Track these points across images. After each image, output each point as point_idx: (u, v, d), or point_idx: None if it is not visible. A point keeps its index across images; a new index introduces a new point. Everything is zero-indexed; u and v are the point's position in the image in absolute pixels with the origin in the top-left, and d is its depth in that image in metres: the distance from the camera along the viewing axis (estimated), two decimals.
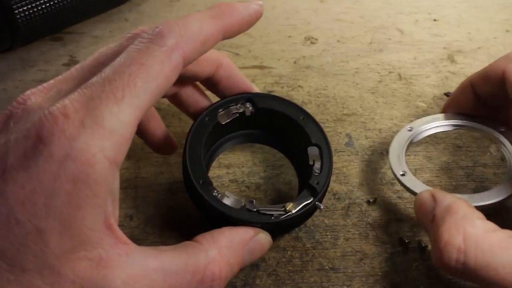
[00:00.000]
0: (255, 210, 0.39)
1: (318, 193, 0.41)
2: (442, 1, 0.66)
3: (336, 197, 0.46)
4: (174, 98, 0.46)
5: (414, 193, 0.43)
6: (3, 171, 0.31)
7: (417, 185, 0.43)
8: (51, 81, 0.36)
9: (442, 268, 0.36)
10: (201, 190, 0.40)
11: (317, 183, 0.41)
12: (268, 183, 0.47)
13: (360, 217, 0.45)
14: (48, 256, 0.31)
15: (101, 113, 0.32)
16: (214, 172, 0.48)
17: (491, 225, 0.37)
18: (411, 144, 0.47)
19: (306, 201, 0.40)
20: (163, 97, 0.45)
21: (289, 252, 0.42)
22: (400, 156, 0.46)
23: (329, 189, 0.47)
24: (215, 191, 0.40)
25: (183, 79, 0.43)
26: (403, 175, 0.44)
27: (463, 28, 0.62)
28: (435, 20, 0.63)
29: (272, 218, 0.39)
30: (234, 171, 0.48)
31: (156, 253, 0.34)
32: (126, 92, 0.33)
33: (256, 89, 0.46)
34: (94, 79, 0.33)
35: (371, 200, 0.46)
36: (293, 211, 0.40)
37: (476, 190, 0.47)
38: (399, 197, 0.46)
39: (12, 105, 0.34)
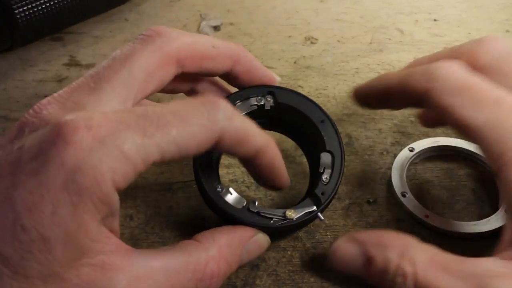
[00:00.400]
0: (256, 211, 0.39)
1: (321, 204, 0.40)
2: (442, 1, 0.66)
3: (336, 197, 0.46)
4: (190, 93, 0.45)
5: (412, 215, 0.44)
6: (14, 174, 0.31)
7: (416, 207, 0.44)
8: (66, 89, 0.36)
9: None
10: (205, 184, 0.40)
11: (323, 194, 0.40)
12: None
13: (360, 217, 0.45)
14: (52, 264, 0.31)
15: (125, 138, 0.32)
16: None
17: (432, 249, 0.37)
18: (411, 164, 0.48)
19: (308, 209, 0.40)
20: (179, 92, 0.44)
21: (289, 252, 0.42)
22: (402, 176, 0.46)
23: None
24: (220, 186, 0.40)
25: (198, 76, 0.43)
26: (404, 196, 0.45)
27: (463, 28, 0.62)
28: (435, 20, 0.63)
29: (271, 222, 0.39)
30: (234, 171, 0.48)
31: (158, 253, 0.34)
32: (158, 133, 0.33)
33: (277, 78, 0.45)
34: (137, 108, 0.34)
35: (371, 200, 0.46)
36: (294, 218, 0.39)
37: (477, 190, 0.47)
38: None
39: (28, 113, 0.34)
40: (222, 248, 0.37)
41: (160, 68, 0.38)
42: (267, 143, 0.38)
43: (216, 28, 0.62)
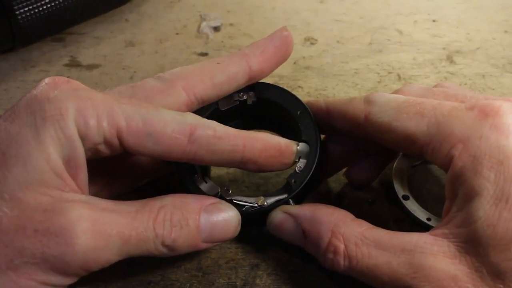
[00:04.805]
0: (228, 198, 0.40)
1: (292, 191, 0.41)
2: (441, 2, 0.66)
3: (336, 197, 0.46)
4: None
5: (414, 218, 0.44)
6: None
7: (418, 210, 0.44)
8: None
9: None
10: (182, 173, 0.41)
11: (295, 181, 0.41)
12: (268, 183, 0.47)
13: (359, 217, 0.45)
14: (10, 181, 0.33)
15: (96, 93, 0.36)
16: (214, 172, 0.48)
17: (364, 224, 0.38)
18: (414, 167, 0.48)
19: (279, 197, 0.41)
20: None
21: (289, 252, 0.43)
22: (403, 179, 0.46)
23: (329, 189, 0.47)
24: (196, 175, 0.41)
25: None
26: (405, 198, 0.45)
27: (462, 29, 0.62)
28: (434, 20, 0.64)
29: (243, 209, 0.40)
30: (234, 171, 0.48)
31: (115, 201, 0.36)
32: (128, 103, 0.37)
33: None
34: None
35: (370, 200, 0.46)
36: (264, 205, 0.40)
37: None
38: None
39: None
40: (175, 199, 0.37)
41: None
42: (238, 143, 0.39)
43: (216, 28, 0.62)
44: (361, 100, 0.40)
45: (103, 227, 0.34)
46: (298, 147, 0.41)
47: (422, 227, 0.43)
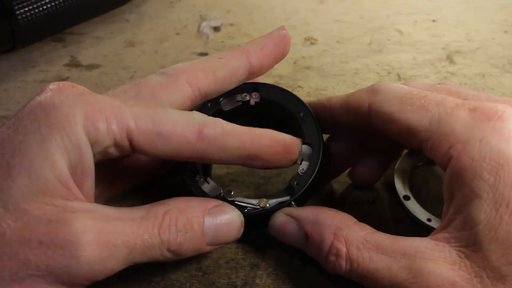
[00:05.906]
0: (230, 200, 0.40)
1: (295, 194, 0.41)
2: (441, 2, 0.66)
3: (337, 197, 0.47)
4: None
5: (415, 218, 0.44)
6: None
7: (419, 211, 0.44)
8: None
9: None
10: (184, 174, 0.41)
11: (297, 184, 0.41)
12: (268, 183, 0.47)
13: (359, 217, 0.45)
14: (14, 192, 0.33)
15: (103, 97, 0.36)
16: (215, 172, 0.48)
17: (366, 228, 0.38)
18: (416, 168, 0.48)
19: (281, 199, 0.41)
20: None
21: (289, 252, 0.43)
22: (405, 180, 0.46)
23: (329, 190, 0.47)
24: (198, 176, 0.41)
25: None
26: (406, 198, 0.45)
27: (461, 29, 0.63)
28: (434, 20, 0.64)
29: (245, 210, 0.40)
30: (234, 171, 0.48)
31: (119, 208, 0.36)
32: (136, 105, 0.37)
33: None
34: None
35: (371, 200, 0.46)
36: (266, 207, 0.40)
37: None
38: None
39: None
40: (178, 203, 0.37)
41: None
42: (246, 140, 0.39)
43: (216, 28, 0.63)
44: (364, 90, 0.40)
45: (107, 237, 0.34)
46: (302, 149, 0.41)
47: (423, 228, 0.43)
